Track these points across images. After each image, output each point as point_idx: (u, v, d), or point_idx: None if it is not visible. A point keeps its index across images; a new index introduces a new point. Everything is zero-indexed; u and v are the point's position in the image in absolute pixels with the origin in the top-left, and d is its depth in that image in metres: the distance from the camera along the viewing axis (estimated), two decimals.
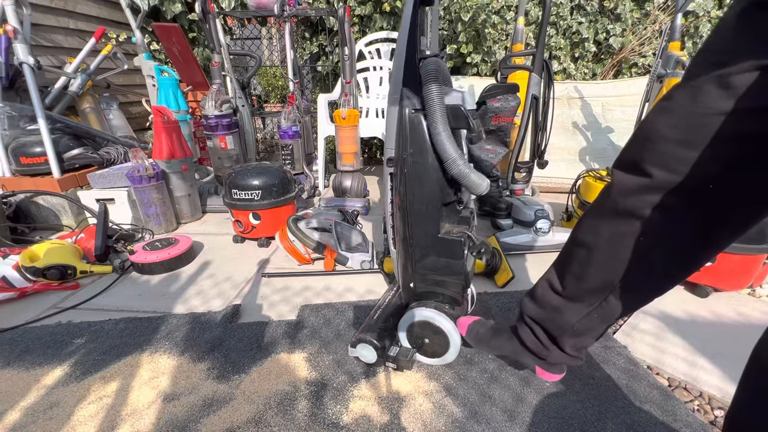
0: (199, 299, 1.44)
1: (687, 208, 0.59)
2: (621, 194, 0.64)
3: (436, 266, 1.00)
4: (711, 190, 0.55)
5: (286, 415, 0.93)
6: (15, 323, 1.29)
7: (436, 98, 0.83)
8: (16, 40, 1.93)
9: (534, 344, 0.87)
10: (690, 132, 0.54)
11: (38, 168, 2.07)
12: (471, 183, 0.85)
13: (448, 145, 0.84)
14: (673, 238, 0.62)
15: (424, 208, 0.93)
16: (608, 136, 2.67)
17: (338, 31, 2.43)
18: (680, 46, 1.92)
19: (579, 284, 0.76)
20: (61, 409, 0.96)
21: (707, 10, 2.68)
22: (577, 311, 0.78)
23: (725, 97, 0.50)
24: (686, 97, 0.55)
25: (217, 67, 2.30)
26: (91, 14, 2.91)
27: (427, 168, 0.89)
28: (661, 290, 0.70)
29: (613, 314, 0.74)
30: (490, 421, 0.90)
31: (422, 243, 0.98)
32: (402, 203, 0.95)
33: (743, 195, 0.55)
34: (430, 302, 1.04)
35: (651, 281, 0.69)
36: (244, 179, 1.76)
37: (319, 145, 2.74)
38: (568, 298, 0.78)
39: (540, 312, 0.85)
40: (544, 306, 0.84)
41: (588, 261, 0.72)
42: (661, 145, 0.58)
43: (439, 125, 0.83)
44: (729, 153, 0.53)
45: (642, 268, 0.66)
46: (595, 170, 1.77)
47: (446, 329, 1.00)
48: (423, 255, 1.00)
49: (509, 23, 2.77)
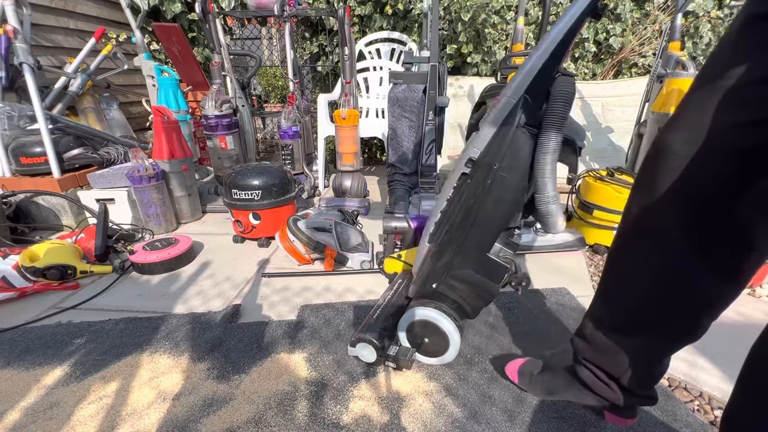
0: (199, 299, 1.44)
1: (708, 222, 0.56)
2: (641, 212, 0.63)
3: (471, 281, 0.96)
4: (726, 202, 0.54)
5: (286, 415, 0.93)
6: (15, 323, 1.29)
7: (562, 126, 0.75)
8: (16, 40, 1.93)
9: (597, 386, 0.80)
10: (699, 145, 0.53)
11: (38, 168, 2.07)
12: (552, 223, 0.81)
13: (550, 179, 0.78)
14: (697, 255, 0.59)
15: (488, 223, 0.89)
16: (608, 136, 2.67)
17: (338, 31, 2.43)
18: (680, 46, 1.92)
19: (620, 313, 0.72)
20: (61, 409, 0.96)
21: (707, 10, 2.68)
22: (630, 345, 0.72)
23: (733, 109, 0.50)
24: (694, 111, 0.55)
25: (217, 67, 2.30)
26: (91, 14, 2.91)
27: (512, 188, 0.83)
28: (707, 311, 0.64)
29: (668, 342, 0.69)
30: (491, 422, 0.90)
31: (469, 254, 0.93)
32: (468, 210, 0.89)
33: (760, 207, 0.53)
34: (430, 301, 1.04)
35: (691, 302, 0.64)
36: (244, 179, 1.76)
37: (319, 145, 2.74)
38: (617, 332, 0.73)
39: (592, 351, 0.79)
40: (595, 344, 0.78)
41: (624, 287, 0.69)
42: (673, 160, 0.57)
43: (550, 155, 0.77)
44: (739, 165, 0.51)
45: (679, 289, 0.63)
46: (595, 170, 1.77)
47: (446, 329, 1.00)
48: (462, 265, 0.95)
49: (509, 23, 2.77)
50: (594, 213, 1.69)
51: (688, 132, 0.55)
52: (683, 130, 0.56)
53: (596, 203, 1.68)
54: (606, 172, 1.74)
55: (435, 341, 1.03)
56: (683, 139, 0.56)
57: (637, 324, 0.70)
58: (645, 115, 2.10)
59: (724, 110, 0.51)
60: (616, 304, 0.73)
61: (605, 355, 0.76)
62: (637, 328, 0.71)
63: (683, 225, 0.58)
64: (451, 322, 1.00)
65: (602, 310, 0.77)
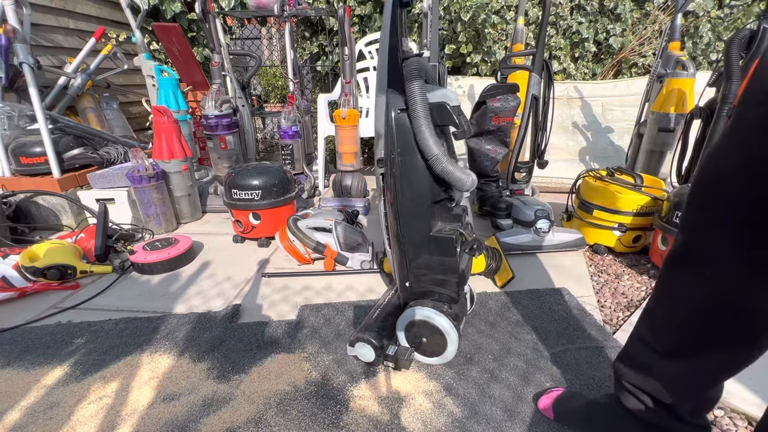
0: (199, 299, 1.44)
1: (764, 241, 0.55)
2: (694, 233, 0.62)
3: (430, 264, 1.00)
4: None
5: (286, 415, 0.93)
6: (15, 323, 1.29)
7: (419, 97, 0.83)
8: (16, 40, 1.93)
9: (645, 415, 0.74)
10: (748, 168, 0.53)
11: (38, 168, 2.07)
12: (455, 180, 0.85)
13: (431, 143, 0.84)
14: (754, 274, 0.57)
15: (414, 206, 0.94)
16: (608, 136, 2.67)
17: (338, 31, 2.43)
18: (680, 46, 1.92)
19: (673, 335, 0.68)
20: (61, 409, 0.96)
21: (707, 10, 2.68)
22: (684, 369, 0.68)
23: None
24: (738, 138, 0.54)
25: (217, 67, 2.30)
26: (91, 14, 2.91)
27: (414, 167, 0.90)
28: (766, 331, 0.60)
29: (724, 365, 0.66)
30: (490, 421, 0.90)
31: (415, 241, 0.98)
32: (393, 202, 0.95)
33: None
34: (427, 301, 1.04)
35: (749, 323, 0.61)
36: (244, 179, 1.76)
37: (319, 145, 2.74)
38: (669, 355, 0.69)
39: (640, 377, 0.74)
40: (643, 369, 0.73)
41: (678, 307, 0.66)
42: (721, 183, 0.57)
43: (422, 124, 0.84)
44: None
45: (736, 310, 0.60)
46: (595, 170, 1.77)
47: (444, 328, 1.00)
48: (416, 253, 1.00)
49: (509, 23, 2.77)
50: (594, 213, 1.69)
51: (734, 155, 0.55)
52: (727, 158, 0.56)
53: (596, 203, 1.68)
54: (606, 172, 1.74)
55: (433, 340, 1.03)
56: (735, 164, 0.55)
57: (693, 346, 0.67)
58: (645, 115, 2.10)
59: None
60: (668, 326, 0.69)
61: (655, 380, 0.72)
62: (692, 350, 0.67)
63: (739, 244, 0.57)
64: (446, 319, 1.00)
65: (652, 333, 0.72)
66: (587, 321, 1.24)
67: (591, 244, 1.75)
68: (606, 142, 2.66)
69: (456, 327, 1.01)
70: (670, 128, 1.89)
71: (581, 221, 1.77)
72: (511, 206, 1.90)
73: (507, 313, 1.30)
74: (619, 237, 1.66)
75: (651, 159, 2.03)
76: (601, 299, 1.41)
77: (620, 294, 1.43)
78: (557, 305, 1.33)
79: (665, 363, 0.70)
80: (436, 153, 0.85)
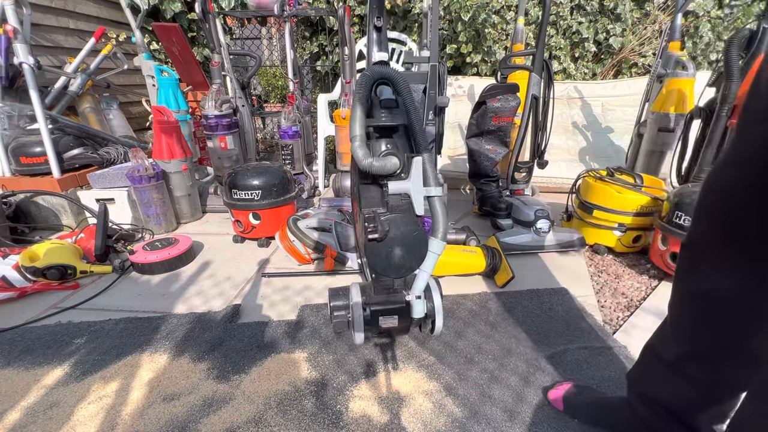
0: (199, 299, 1.44)
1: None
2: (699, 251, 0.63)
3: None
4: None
5: (286, 415, 0.93)
6: (15, 323, 1.29)
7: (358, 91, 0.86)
8: (16, 40, 1.93)
9: (657, 424, 0.74)
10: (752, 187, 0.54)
11: (38, 168, 2.07)
12: (359, 159, 0.85)
13: (356, 125, 0.86)
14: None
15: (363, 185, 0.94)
16: (608, 136, 2.67)
17: (338, 31, 2.43)
18: (680, 46, 1.92)
19: (692, 343, 0.67)
20: (61, 409, 0.96)
21: (707, 10, 2.68)
22: (703, 378, 0.67)
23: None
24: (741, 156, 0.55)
25: (217, 67, 2.30)
26: (91, 14, 2.90)
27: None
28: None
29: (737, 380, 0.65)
30: (491, 421, 0.90)
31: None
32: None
33: None
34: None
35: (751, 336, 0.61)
36: (244, 179, 1.76)
37: (319, 145, 2.74)
38: (687, 363, 0.68)
39: (655, 385, 0.73)
40: (659, 377, 0.72)
41: (697, 315, 0.66)
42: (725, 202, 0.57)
43: (357, 109, 0.86)
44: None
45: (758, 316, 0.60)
46: (595, 170, 1.77)
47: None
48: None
49: (509, 23, 2.77)
50: (594, 213, 1.69)
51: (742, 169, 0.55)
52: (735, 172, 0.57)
53: (596, 203, 1.68)
54: (606, 172, 1.74)
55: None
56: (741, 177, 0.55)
57: (706, 360, 0.66)
58: (645, 115, 2.10)
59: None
60: (686, 334, 0.68)
61: (671, 390, 0.71)
62: (706, 363, 0.66)
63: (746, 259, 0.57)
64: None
65: (670, 342, 0.72)
66: (587, 321, 1.24)
67: (591, 244, 1.75)
68: (606, 142, 2.65)
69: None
70: (670, 128, 1.89)
71: (581, 221, 1.77)
72: (511, 206, 1.90)
73: (507, 314, 1.30)
74: (619, 237, 1.66)
75: (651, 159, 2.03)
76: (601, 299, 1.41)
77: (620, 294, 1.43)
78: (557, 305, 1.33)
79: (684, 372, 0.69)
80: (355, 134, 0.86)
